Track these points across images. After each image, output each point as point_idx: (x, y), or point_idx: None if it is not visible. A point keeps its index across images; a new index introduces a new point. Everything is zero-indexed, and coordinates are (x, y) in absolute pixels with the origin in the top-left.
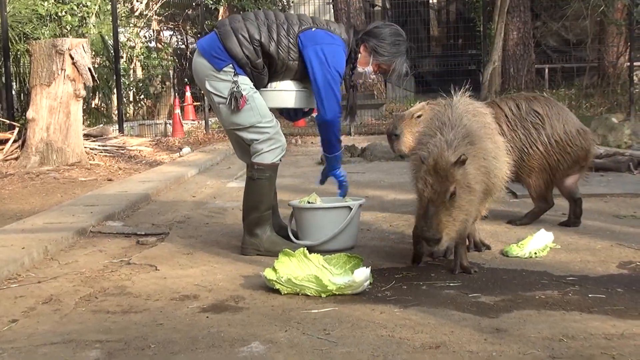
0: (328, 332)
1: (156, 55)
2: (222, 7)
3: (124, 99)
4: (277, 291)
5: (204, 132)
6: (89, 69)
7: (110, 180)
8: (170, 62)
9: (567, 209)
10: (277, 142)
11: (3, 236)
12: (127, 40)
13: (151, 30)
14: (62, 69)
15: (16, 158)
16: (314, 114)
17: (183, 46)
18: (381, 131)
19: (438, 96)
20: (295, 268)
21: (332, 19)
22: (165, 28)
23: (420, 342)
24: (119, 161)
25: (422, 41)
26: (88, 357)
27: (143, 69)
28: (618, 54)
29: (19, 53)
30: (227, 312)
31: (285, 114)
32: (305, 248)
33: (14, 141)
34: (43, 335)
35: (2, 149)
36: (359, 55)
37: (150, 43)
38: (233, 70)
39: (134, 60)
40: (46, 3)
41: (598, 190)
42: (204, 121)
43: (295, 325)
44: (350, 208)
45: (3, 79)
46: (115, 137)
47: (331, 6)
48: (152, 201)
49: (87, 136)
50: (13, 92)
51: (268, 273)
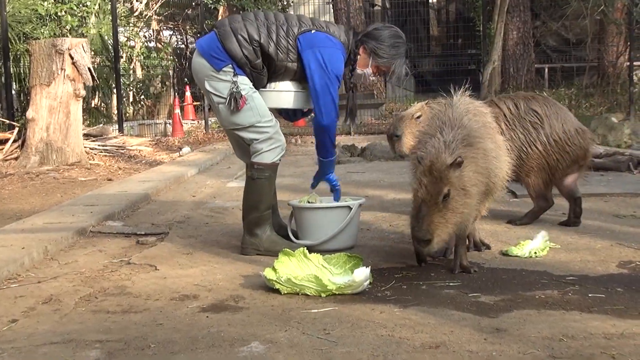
0: (328, 332)
1: (156, 55)
2: (222, 7)
3: (124, 99)
4: (277, 291)
5: (204, 132)
6: (89, 69)
7: (110, 180)
8: (170, 62)
9: (567, 209)
10: (277, 142)
11: (3, 236)
12: (127, 40)
13: (151, 30)
14: (62, 69)
15: (16, 158)
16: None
17: (183, 46)
18: (381, 131)
19: (438, 96)
20: (295, 268)
21: (332, 19)
22: (165, 28)
23: (420, 342)
24: (119, 161)
25: (422, 41)
26: (88, 357)
27: (143, 69)
28: (618, 54)
29: (19, 53)
30: (227, 312)
31: (284, 114)
32: (305, 248)
33: (14, 141)
34: (43, 335)
35: (2, 149)
36: (358, 57)
37: (150, 43)
38: (232, 70)
39: (134, 60)
40: (46, 3)
41: (598, 189)
42: (204, 121)
43: (295, 325)
44: (350, 208)
45: (3, 79)
46: (115, 137)
47: (331, 6)
48: (152, 201)
49: (87, 136)
50: (13, 92)
51: (268, 273)
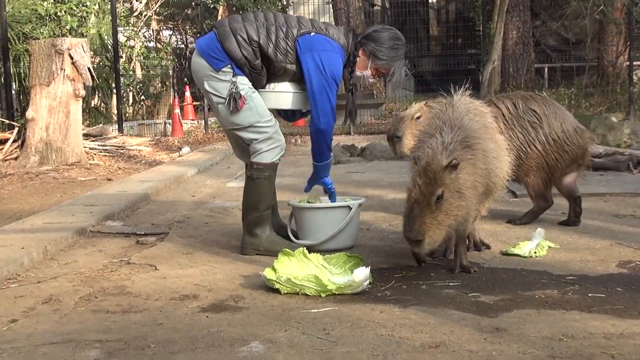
0: (328, 332)
1: (155, 55)
2: (221, 7)
3: (124, 99)
4: (277, 291)
5: (204, 132)
6: (89, 69)
7: (109, 180)
8: (169, 62)
9: (567, 208)
10: (276, 142)
11: (2, 236)
12: (127, 40)
13: (150, 30)
14: (62, 69)
15: (15, 158)
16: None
17: (182, 46)
18: (381, 130)
19: (437, 96)
20: (294, 268)
21: (332, 19)
22: (164, 28)
23: (420, 342)
24: (119, 161)
25: (422, 41)
26: (88, 357)
27: (142, 69)
28: (617, 53)
29: (19, 53)
30: (227, 312)
31: (282, 114)
32: (304, 248)
33: (14, 141)
34: (43, 335)
35: (2, 149)
36: (358, 58)
37: (149, 43)
38: (232, 70)
39: (134, 60)
40: (45, 3)
41: (597, 189)
42: (204, 121)
43: (295, 324)
44: (349, 208)
45: (2, 79)
46: (114, 137)
47: (330, 6)
48: (152, 201)
49: (87, 136)
50: (12, 92)
51: (268, 273)
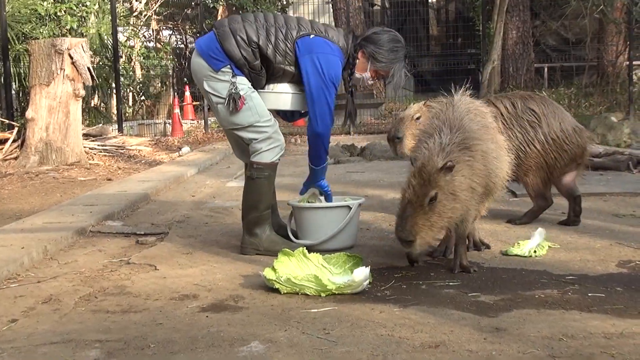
0: (327, 332)
1: (155, 54)
2: (221, 7)
3: (124, 99)
4: (277, 291)
5: (203, 132)
6: (88, 69)
7: (109, 179)
8: (169, 62)
9: (566, 208)
10: (276, 141)
11: (2, 236)
12: (127, 40)
13: (150, 29)
14: (62, 69)
15: (15, 158)
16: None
17: (182, 46)
18: (380, 130)
19: (437, 95)
20: (294, 267)
21: (331, 19)
22: (164, 27)
23: (419, 342)
24: (119, 161)
25: (422, 40)
26: (88, 357)
27: (142, 69)
28: (617, 53)
29: (19, 53)
30: (227, 312)
31: (281, 115)
32: (304, 247)
33: (14, 141)
34: (43, 334)
35: (2, 149)
36: (357, 61)
37: (149, 43)
38: (231, 71)
39: (134, 60)
40: (45, 3)
41: (597, 189)
42: (203, 121)
43: (294, 324)
44: (349, 207)
45: (2, 79)
46: (114, 137)
47: (330, 6)
48: (152, 201)
49: (87, 136)
50: (12, 92)
51: (267, 272)
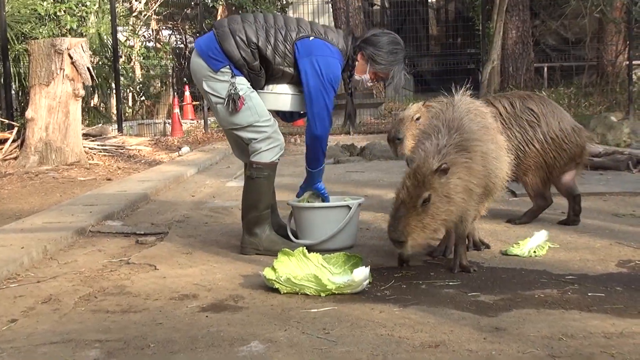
0: (327, 332)
1: (155, 54)
2: (221, 6)
3: (124, 99)
4: (277, 290)
5: (203, 132)
6: (88, 69)
7: (109, 179)
8: (169, 62)
9: (566, 208)
10: (276, 141)
11: (2, 236)
12: (126, 39)
13: (150, 29)
14: (61, 69)
15: (15, 158)
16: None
17: (182, 45)
18: (380, 130)
19: (436, 95)
20: (294, 267)
21: (331, 18)
22: (164, 27)
23: (419, 341)
24: (118, 161)
25: (421, 40)
26: (87, 357)
27: (142, 69)
28: (617, 53)
29: (18, 53)
30: (227, 312)
31: (280, 115)
32: (304, 247)
33: (13, 141)
34: (42, 334)
35: (1, 149)
36: (356, 63)
37: (149, 42)
38: (230, 71)
39: (133, 59)
40: (45, 2)
41: (597, 189)
42: (203, 120)
43: (294, 324)
44: (349, 207)
45: (2, 79)
46: (114, 137)
47: (330, 5)
48: (151, 201)
49: (86, 136)
50: (12, 92)
51: (267, 272)
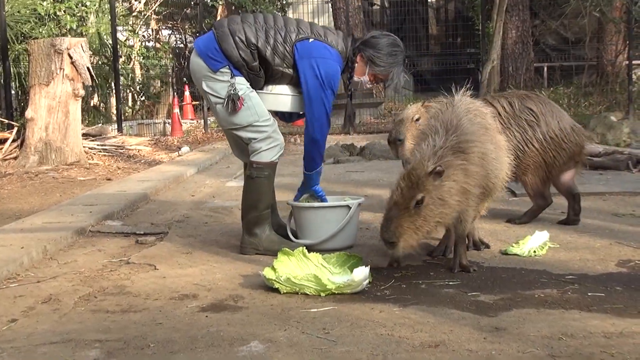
0: (327, 331)
1: (155, 54)
2: (221, 6)
3: (123, 99)
4: (276, 290)
5: (203, 132)
6: (88, 69)
7: (109, 179)
8: (169, 61)
9: (566, 208)
10: (275, 141)
11: (2, 236)
12: (126, 39)
13: (150, 29)
14: (61, 69)
15: (15, 157)
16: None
17: (182, 45)
18: (380, 130)
19: (436, 95)
20: (294, 267)
21: (331, 18)
22: (163, 27)
23: (419, 341)
24: (118, 160)
25: (421, 40)
26: (87, 357)
27: (142, 69)
28: (617, 52)
29: (18, 53)
30: (227, 312)
31: (280, 115)
32: (304, 247)
33: (13, 140)
34: (42, 334)
35: (1, 149)
36: (356, 64)
37: (148, 42)
38: (229, 71)
39: (133, 59)
40: (45, 2)
41: (597, 188)
42: (203, 120)
43: (294, 324)
44: (349, 207)
45: (2, 79)
46: (114, 137)
47: (329, 5)
48: (151, 200)
49: (86, 135)
50: (12, 92)
51: (267, 272)
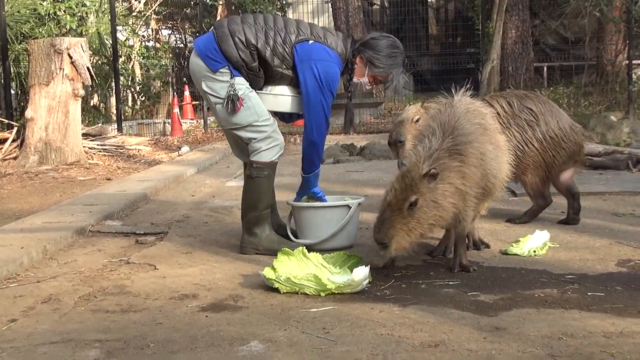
0: (327, 331)
1: (154, 54)
2: (221, 6)
3: (123, 99)
4: (276, 290)
5: (203, 131)
6: (88, 68)
7: (109, 179)
8: (168, 61)
9: (566, 207)
10: (275, 141)
11: (2, 236)
12: (126, 39)
13: (150, 29)
14: (61, 69)
15: (15, 157)
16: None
17: (182, 45)
18: (380, 130)
19: (437, 95)
20: (294, 267)
21: (331, 18)
22: (163, 27)
23: (419, 341)
24: (118, 160)
25: (421, 40)
26: (87, 357)
27: (142, 69)
28: (616, 52)
29: (18, 53)
30: (227, 311)
31: (279, 116)
32: (304, 247)
33: (13, 140)
34: (42, 334)
35: (1, 149)
36: (355, 66)
37: (148, 42)
38: (229, 72)
39: (133, 59)
40: (45, 2)
41: (597, 188)
42: (203, 120)
43: (294, 324)
44: (349, 207)
45: (2, 79)
46: (114, 137)
47: (329, 5)
48: (151, 200)
49: (86, 135)
50: (12, 92)
51: (267, 272)
